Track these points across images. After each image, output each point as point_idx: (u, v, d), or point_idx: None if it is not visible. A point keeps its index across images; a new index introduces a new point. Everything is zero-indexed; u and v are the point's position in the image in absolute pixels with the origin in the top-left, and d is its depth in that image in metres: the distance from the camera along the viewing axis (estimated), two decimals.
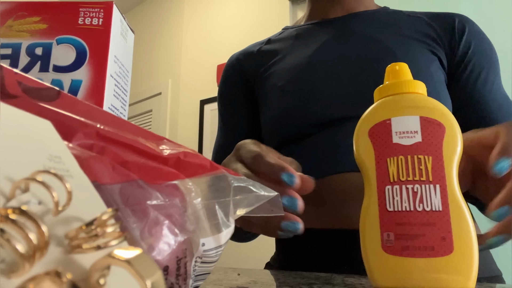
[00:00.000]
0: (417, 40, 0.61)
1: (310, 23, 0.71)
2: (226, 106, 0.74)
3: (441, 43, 0.62)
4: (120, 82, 0.37)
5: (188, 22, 2.75)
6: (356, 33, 0.64)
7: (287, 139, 0.61)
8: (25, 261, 0.10)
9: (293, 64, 0.64)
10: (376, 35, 0.62)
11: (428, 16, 0.65)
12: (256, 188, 0.26)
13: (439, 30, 0.62)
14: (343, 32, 0.65)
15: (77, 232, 0.12)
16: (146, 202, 0.20)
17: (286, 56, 0.67)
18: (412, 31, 0.62)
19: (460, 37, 0.61)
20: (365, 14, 0.67)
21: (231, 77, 0.74)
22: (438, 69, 0.59)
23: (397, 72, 0.35)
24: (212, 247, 0.23)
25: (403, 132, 0.31)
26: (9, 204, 0.11)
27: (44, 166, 0.14)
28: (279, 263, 0.60)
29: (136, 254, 0.11)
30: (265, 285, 0.34)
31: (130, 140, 0.22)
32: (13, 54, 0.34)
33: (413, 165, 0.30)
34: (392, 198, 0.30)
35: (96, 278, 0.11)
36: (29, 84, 0.21)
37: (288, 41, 0.70)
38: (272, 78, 0.66)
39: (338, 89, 0.58)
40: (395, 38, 0.61)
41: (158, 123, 2.78)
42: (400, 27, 0.63)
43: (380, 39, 0.61)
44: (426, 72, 0.57)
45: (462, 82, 0.61)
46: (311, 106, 0.59)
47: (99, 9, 0.35)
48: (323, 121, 0.57)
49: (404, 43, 0.60)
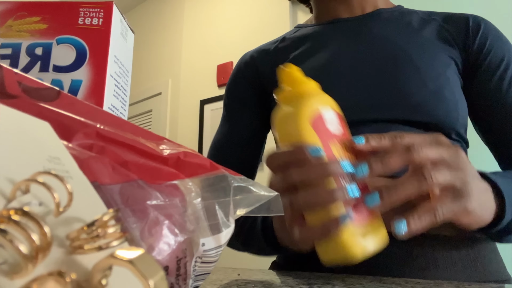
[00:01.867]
0: (434, 44, 0.60)
1: (325, 23, 0.70)
2: (234, 103, 0.73)
3: (456, 46, 0.61)
4: (120, 82, 0.37)
5: (188, 22, 2.75)
6: (373, 34, 0.63)
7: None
8: (28, 262, 0.10)
9: (310, 66, 0.63)
10: (393, 38, 0.62)
11: (442, 18, 0.64)
12: (256, 188, 0.26)
13: (454, 32, 0.62)
14: (360, 34, 0.64)
15: (79, 233, 0.12)
16: (146, 202, 0.20)
17: (303, 57, 0.66)
18: (428, 34, 0.62)
19: (475, 36, 0.60)
20: (381, 15, 0.66)
21: (244, 74, 0.72)
22: (454, 74, 0.59)
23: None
24: (212, 247, 0.23)
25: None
26: (10, 205, 0.11)
27: (44, 167, 0.14)
28: (285, 262, 0.60)
29: (139, 254, 0.11)
30: (265, 285, 0.34)
31: (130, 140, 0.22)
32: (13, 54, 0.34)
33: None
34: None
35: (98, 279, 0.11)
36: (29, 84, 0.21)
37: (305, 40, 0.69)
38: None
39: (355, 92, 0.58)
40: (412, 40, 0.61)
41: (158, 123, 2.78)
42: (417, 30, 0.62)
43: (396, 42, 0.61)
44: (444, 76, 0.57)
45: (477, 82, 0.60)
46: None
47: (99, 9, 0.35)
48: None
49: (421, 46, 0.60)
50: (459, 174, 0.36)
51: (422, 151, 0.35)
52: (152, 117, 2.88)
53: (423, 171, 0.34)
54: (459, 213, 0.36)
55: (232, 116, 0.73)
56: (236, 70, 0.75)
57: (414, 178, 0.34)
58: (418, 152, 0.35)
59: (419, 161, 0.35)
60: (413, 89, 0.55)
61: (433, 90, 0.55)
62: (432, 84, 0.55)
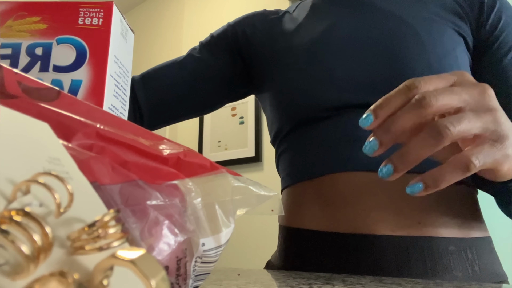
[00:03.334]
0: (443, 18, 0.56)
1: None
2: (218, 40, 0.71)
3: (468, 22, 0.57)
4: (120, 82, 0.37)
5: (188, 22, 2.75)
6: (376, 8, 0.58)
7: (294, 122, 0.58)
8: (30, 262, 0.10)
9: (305, 40, 0.60)
10: (398, 11, 0.57)
11: None
12: (256, 188, 0.26)
13: (466, 7, 0.57)
14: (362, 5, 0.60)
15: (79, 233, 0.12)
16: (146, 202, 0.20)
17: (299, 30, 0.62)
18: (438, 8, 0.57)
19: (489, 12, 0.56)
20: None
21: (250, 21, 0.70)
22: (463, 51, 0.55)
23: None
24: (212, 247, 0.23)
25: None
26: (11, 206, 0.11)
27: (44, 168, 0.14)
28: (280, 262, 0.60)
29: (140, 254, 0.11)
30: (265, 285, 0.34)
31: (130, 140, 0.22)
32: (13, 54, 0.34)
33: None
34: None
35: (99, 279, 0.11)
36: (29, 84, 0.21)
37: (303, 13, 0.65)
38: (283, 54, 0.62)
39: (355, 71, 0.54)
40: (419, 15, 0.56)
41: None
42: (425, 3, 0.58)
43: (402, 17, 0.56)
44: (452, 54, 0.53)
45: (485, 61, 0.56)
46: (322, 88, 0.55)
47: (99, 9, 0.35)
48: (333, 106, 0.54)
49: (429, 22, 0.55)
50: (489, 116, 0.31)
51: (437, 100, 0.30)
52: None
53: (438, 126, 0.29)
54: (500, 159, 0.31)
55: (207, 49, 0.71)
56: (245, 17, 0.72)
57: (428, 135, 0.30)
58: (431, 104, 0.30)
59: (432, 115, 0.30)
60: (418, 69, 0.51)
61: (439, 71, 0.51)
62: (438, 65, 0.52)
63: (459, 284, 0.36)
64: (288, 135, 0.61)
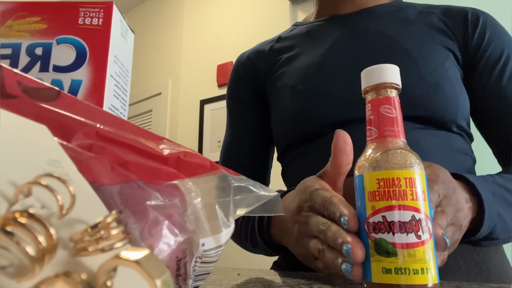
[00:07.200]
0: (431, 36, 0.60)
1: (321, 20, 0.69)
2: (235, 105, 0.73)
3: (455, 39, 0.60)
4: (120, 82, 0.37)
5: (188, 22, 2.75)
6: (368, 30, 0.62)
7: (299, 139, 0.60)
8: (35, 264, 0.10)
9: (304, 63, 0.63)
10: (389, 32, 0.61)
11: (440, 11, 0.63)
12: (256, 188, 0.26)
13: (452, 25, 0.61)
14: (355, 29, 0.63)
15: (82, 234, 0.12)
16: (146, 202, 0.20)
17: (298, 55, 0.66)
18: (426, 27, 0.61)
19: (474, 29, 0.59)
20: (377, 10, 0.65)
21: (241, 76, 0.73)
22: (453, 65, 0.58)
23: None
24: (212, 247, 0.23)
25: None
26: (14, 208, 0.11)
27: (44, 170, 0.14)
28: (283, 262, 0.60)
29: (145, 254, 0.11)
30: (265, 285, 0.34)
31: (130, 140, 0.22)
32: (13, 54, 0.34)
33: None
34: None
35: (103, 280, 0.11)
36: (29, 84, 0.21)
37: (299, 38, 0.69)
38: (284, 78, 0.65)
39: (350, 89, 0.57)
40: (408, 34, 0.60)
41: (158, 123, 2.78)
42: (414, 23, 0.62)
43: (392, 36, 0.60)
44: (441, 68, 0.56)
45: (477, 76, 0.59)
46: (323, 107, 0.58)
47: (99, 9, 0.35)
48: (336, 122, 0.57)
49: (418, 40, 0.59)
50: (458, 229, 0.38)
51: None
52: (152, 117, 2.88)
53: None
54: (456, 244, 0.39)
55: (235, 118, 0.73)
56: (234, 72, 0.75)
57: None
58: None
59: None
60: (411, 83, 0.54)
61: (431, 83, 0.54)
62: (430, 77, 0.55)
63: (459, 284, 0.36)
64: (295, 150, 0.62)
